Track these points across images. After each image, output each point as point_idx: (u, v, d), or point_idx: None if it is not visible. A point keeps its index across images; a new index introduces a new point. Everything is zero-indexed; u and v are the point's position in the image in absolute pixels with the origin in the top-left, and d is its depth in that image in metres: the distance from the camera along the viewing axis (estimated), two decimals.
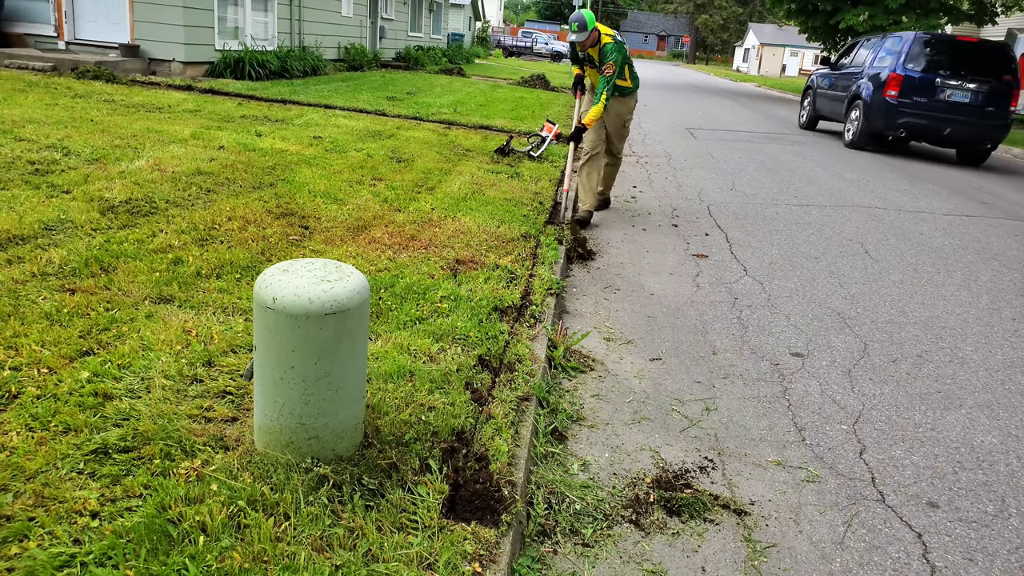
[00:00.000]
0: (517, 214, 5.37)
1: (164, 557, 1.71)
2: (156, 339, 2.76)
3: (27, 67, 10.31)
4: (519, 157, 7.84)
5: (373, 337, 3.04)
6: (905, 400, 3.37)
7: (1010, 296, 5.05)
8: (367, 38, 19.81)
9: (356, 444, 2.19)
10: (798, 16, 27.78)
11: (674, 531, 2.32)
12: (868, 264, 5.51)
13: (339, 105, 10.52)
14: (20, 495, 1.88)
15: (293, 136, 7.51)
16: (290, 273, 2.02)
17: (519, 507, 2.12)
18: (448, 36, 32.00)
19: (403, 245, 4.34)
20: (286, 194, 5.16)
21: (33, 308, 2.91)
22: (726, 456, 2.79)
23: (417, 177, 6.28)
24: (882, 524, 2.45)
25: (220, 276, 3.51)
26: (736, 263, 5.29)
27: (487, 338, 3.17)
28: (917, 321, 4.40)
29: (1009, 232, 7.06)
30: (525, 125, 10.45)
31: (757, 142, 12.49)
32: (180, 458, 2.09)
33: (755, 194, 7.87)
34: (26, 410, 2.23)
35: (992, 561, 2.31)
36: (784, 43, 67.29)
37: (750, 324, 4.15)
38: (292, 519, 1.88)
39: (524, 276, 4.07)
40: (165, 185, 4.97)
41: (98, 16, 11.68)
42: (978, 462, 2.89)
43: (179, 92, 9.97)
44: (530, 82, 19.02)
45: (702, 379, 3.43)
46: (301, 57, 14.35)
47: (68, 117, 7.00)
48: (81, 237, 3.79)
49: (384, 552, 1.83)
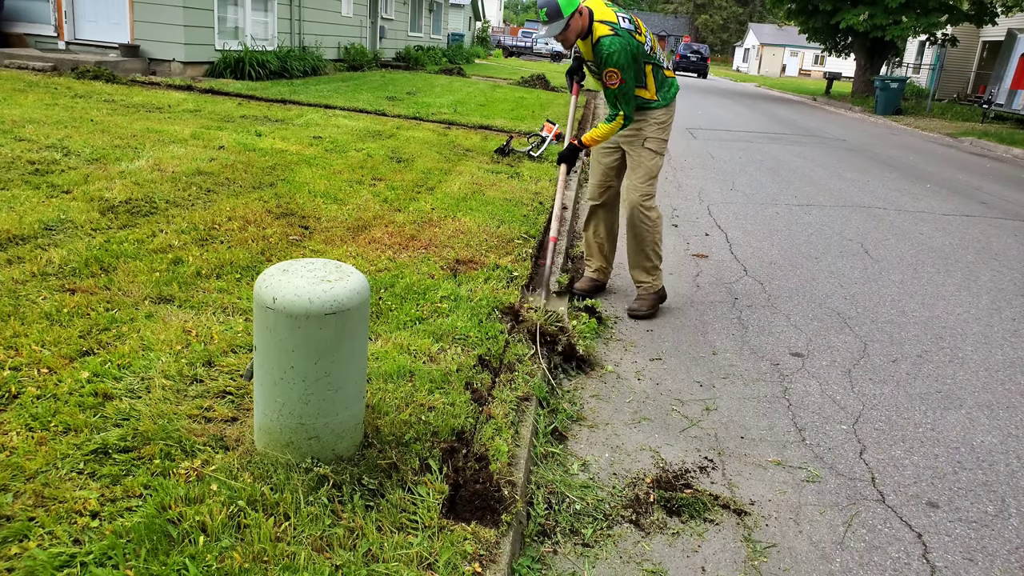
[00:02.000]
0: (517, 214, 5.37)
1: (164, 557, 1.71)
2: (156, 339, 2.76)
3: (27, 67, 10.31)
4: (519, 157, 7.84)
5: (373, 337, 3.04)
6: (905, 400, 3.37)
7: (1010, 296, 5.05)
8: (367, 38, 19.81)
9: (356, 444, 2.19)
10: (798, 16, 27.81)
11: (674, 531, 2.32)
12: (868, 264, 5.51)
13: (339, 105, 10.52)
14: (20, 495, 1.88)
15: (293, 136, 7.51)
16: (290, 273, 2.02)
17: (519, 507, 2.12)
18: (448, 36, 32.00)
19: (403, 245, 4.34)
20: (286, 194, 5.16)
21: (33, 308, 2.91)
22: (726, 456, 2.79)
23: (417, 177, 6.28)
24: (882, 524, 2.45)
25: (220, 276, 3.51)
26: (736, 263, 5.29)
27: (487, 338, 3.17)
28: (917, 321, 4.40)
29: (1009, 232, 7.05)
30: (525, 125, 10.45)
31: (757, 142, 12.50)
32: (180, 458, 2.09)
33: (755, 194, 7.87)
34: (26, 410, 2.23)
35: (992, 561, 2.31)
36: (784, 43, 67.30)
37: (750, 324, 4.15)
38: (292, 519, 1.88)
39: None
40: (165, 185, 4.96)
41: (98, 16, 11.68)
42: (978, 462, 2.89)
43: (179, 92, 9.97)
44: (530, 82, 19.02)
45: (702, 379, 3.43)
46: (301, 57, 14.35)
47: (68, 117, 7.00)
48: (81, 237, 3.79)
49: (384, 552, 1.83)
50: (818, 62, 65.05)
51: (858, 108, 23.48)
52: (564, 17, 3.50)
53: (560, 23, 3.51)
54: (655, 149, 3.92)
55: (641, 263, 4.11)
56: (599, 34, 3.54)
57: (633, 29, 3.61)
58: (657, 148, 3.93)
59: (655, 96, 3.84)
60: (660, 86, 3.85)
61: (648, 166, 3.93)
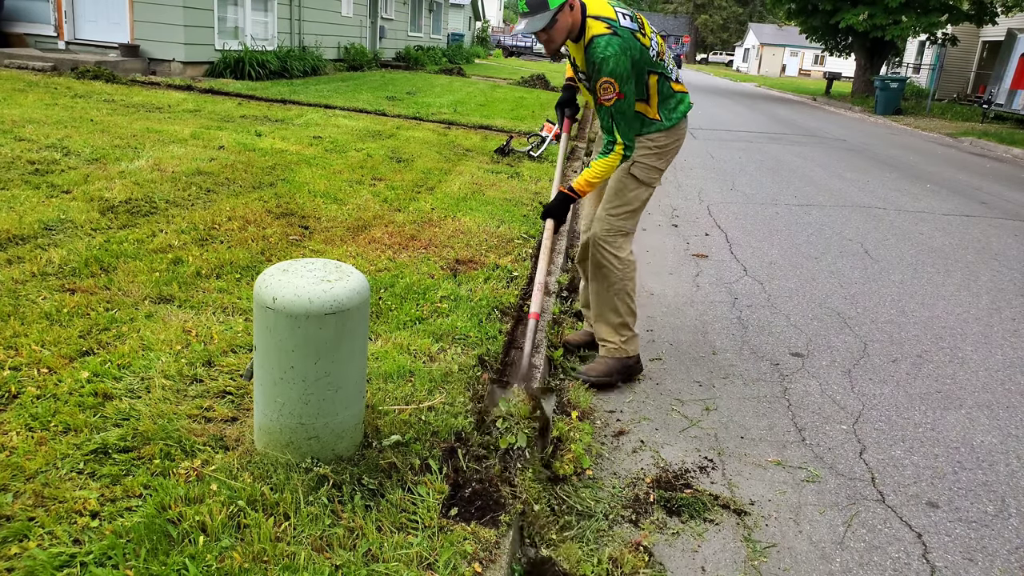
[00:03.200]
0: (517, 214, 5.37)
1: (164, 557, 1.71)
2: (156, 339, 2.76)
3: (27, 67, 10.31)
4: (519, 157, 7.84)
5: (373, 337, 3.04)
6: (905, 400, 3.37)
7: (1010, 296, 5.05)
8: (367, 38, 19.81)
9: (356, 444, 2.19)
10: (798, 16, 27.83)
11: (674, 531, 2.32)
12: (868, 264, 5.51)
13: (339, 105, 10.52)
14: (20, 495, 1.88)
15: (293, 136, 7.51)
16: (290, 273, 2.02)
17: (519, 507, 2.12)
18: (448, 36, 32.00)
19: (403, 245, 4.34)
20: (286, 194, 5.16)
21: (33, 308, 2.91)
22: (726, 456, 2.79)
23: (417, 177, 6.28)
24: (882, 524, 2.45)
25: (220, 276, 3.51)
26: (736, 263, 5.29)
27: (487, 338, 3.17)
28: (917, 321, 4.40)
29: (1009, 232, 7.05)
30: (525, 125, 10.45)
31: (757, 142, 12.50)
32: (180, 458, 2.08)
33: (755, 194, 7.87)
34: (26, 410, 2.23)
35: (992, 561, 2.31)
36: (784, 43, 67.32)
37: (750, 324, 4.15)
38: (292, 519, 1.88)
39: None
40: (165, 185, 4.96)
41: (98, 16, 11.68)
42: (978, 462, 2.89)
43: (179, 92, 9.97)
44: (530, 82, 19.02)
45: (702, 379, 3.43)
46: (301, 57, 14.36)
47: (68, 117, 7.00)
48: (81, 237, 3.79)
49: (384, 552, 1.83)
50: (818, 62, 65.08)
51: (858, 108, 23.48)
52: (550, 9, 2.70)
53: (544, 16, 2.72)
54: (641, 178, 3.08)
55: (604, 315, 3.22)
56: (593, 32, 2.78)
57: (636, 29, 2.86)
58: (644, 177, 3.08)
59: (656, 114, 3.03)
60: (664, 102, 3.03)
61: (627, 196, 3.10)
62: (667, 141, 3.09)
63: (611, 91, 2.79)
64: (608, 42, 2.75)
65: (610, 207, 3.13)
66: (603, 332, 3.24)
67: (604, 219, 3.14)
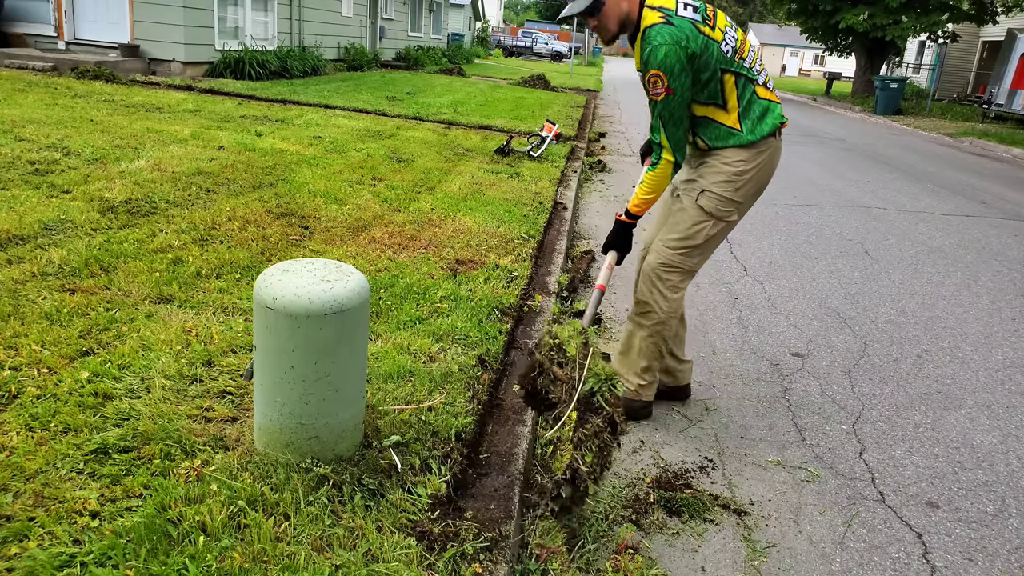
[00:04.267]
0: (517, 214, 5.37)
1: (164, 557, 1.71)
2: (156, 339, 2.76)
3: (27, 67, 10.31)
4: (519, 157, 7.84)
5: (373, 337, 3.04)
6: (905, 400, 3.37)
7: (1010, 296, 5.05)
8: (367, 38, 19.81)
9: (356, 444, 2.19)
10: (798, 16, 27.83)
11: (674, 531, 2.32)
12: (868, 264, 5.51)
13: (339, 105, 10.52)
14: (20, 495, 1.88)
15: (293, 136, 7.51)
16: (290, 273, 2.02)
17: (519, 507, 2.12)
18: (448, 36, 32.01)
19: (403, 245, 4.34)
20: (286, 194, 5.16)
21: (33, 308, 2.91)
22: (726, 456, 2.79)
23: (417, 177, 6.28)
24: (882, 524, 2.45)
25: (220, 276, 3.51)
26: (736, 263, 5.29)
27: (487, 338, 3.17)
28: (917, 321, 4.40)
29: (1009, 232, 7.06)
30: (525, 125, 10.45)
31: None
32: (180, 458, 2.08)
33: None
34: (26, 410, 2.23)
35: (992, 561, 2.31)
36: (784, 43, 67.31)
37: (750, 324, 4.15)
38: (292, 519, 1.88)
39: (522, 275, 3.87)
40: (165, 185, 4.96)
41: (98, 16, 11.68)
42: (978, 462, 2.89)
43: (179, 92, 9.97)
44: (530, 82, 19.03)
45: (702, 379, 3.43)
46: (301, 57, 14.36)
47: (68, 117, 7.00)
48: (81, 237, 3.79)
49: (384, 552, 1.83)
50: (818, 62, 65.07)
51: (858, 108, 23.48)
52: None
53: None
54: (708, 209, 2.66)
55: (629, 354, 2.90)
56: (646, 23, 2.46)
57: (699, 20, 2.48)
58: (712, 208, 2.66)
59: (736, 124, 2.57)
60: (747, 110, 2.58)
61: (688, 228, 2.69)
62: (748, 165, 2.61)
63: (660, 85, 2.44)
64: (659, 31, 2.43)
65: (668, 237, 2.74)
66: (623, 369, 2.91)
67: (660, 250, 2.76)
